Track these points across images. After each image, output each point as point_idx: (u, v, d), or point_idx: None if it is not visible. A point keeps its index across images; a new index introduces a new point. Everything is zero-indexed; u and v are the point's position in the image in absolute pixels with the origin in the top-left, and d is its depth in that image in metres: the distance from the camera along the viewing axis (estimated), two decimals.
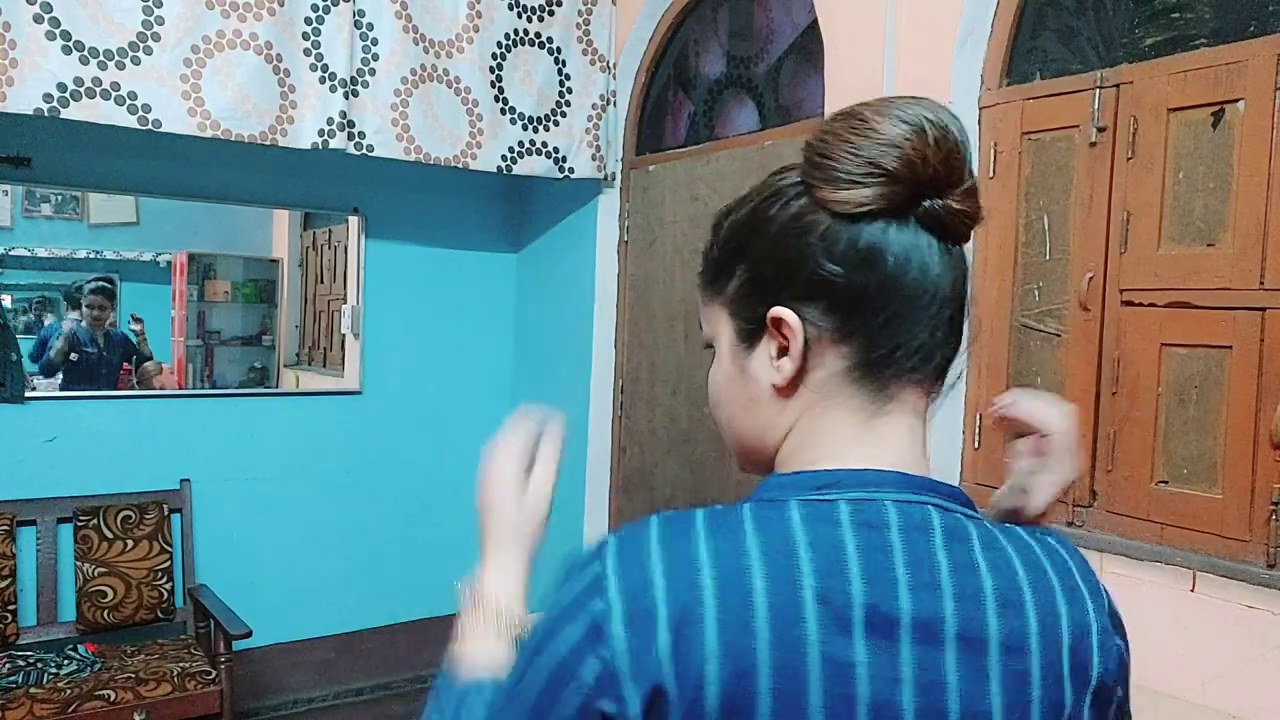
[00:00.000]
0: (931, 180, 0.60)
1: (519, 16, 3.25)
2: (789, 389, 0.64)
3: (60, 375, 3.57)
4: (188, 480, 3.39)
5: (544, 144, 3.34)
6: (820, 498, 0.59)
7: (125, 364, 3.79)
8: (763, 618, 0.54)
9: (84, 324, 3.67)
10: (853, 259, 0.60)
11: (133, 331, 3.83)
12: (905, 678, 0.56)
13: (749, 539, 0.57)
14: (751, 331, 0.65)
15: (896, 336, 0.61)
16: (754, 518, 0.58)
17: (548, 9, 3.31)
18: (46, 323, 3.73)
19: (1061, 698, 0.60)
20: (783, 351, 0.63)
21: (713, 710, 0.53)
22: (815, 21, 2.69)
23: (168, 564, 3.23)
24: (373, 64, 2.96)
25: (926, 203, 0.60)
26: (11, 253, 3.55)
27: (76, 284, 3.73)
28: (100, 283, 3.75)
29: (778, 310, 0.63)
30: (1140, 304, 1.97)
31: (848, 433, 0.63)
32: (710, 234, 0.72)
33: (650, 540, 0.57)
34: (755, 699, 0.53)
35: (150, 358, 3.90)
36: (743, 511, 0.59)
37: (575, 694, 0.55)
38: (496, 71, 3.22)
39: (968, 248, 0.65)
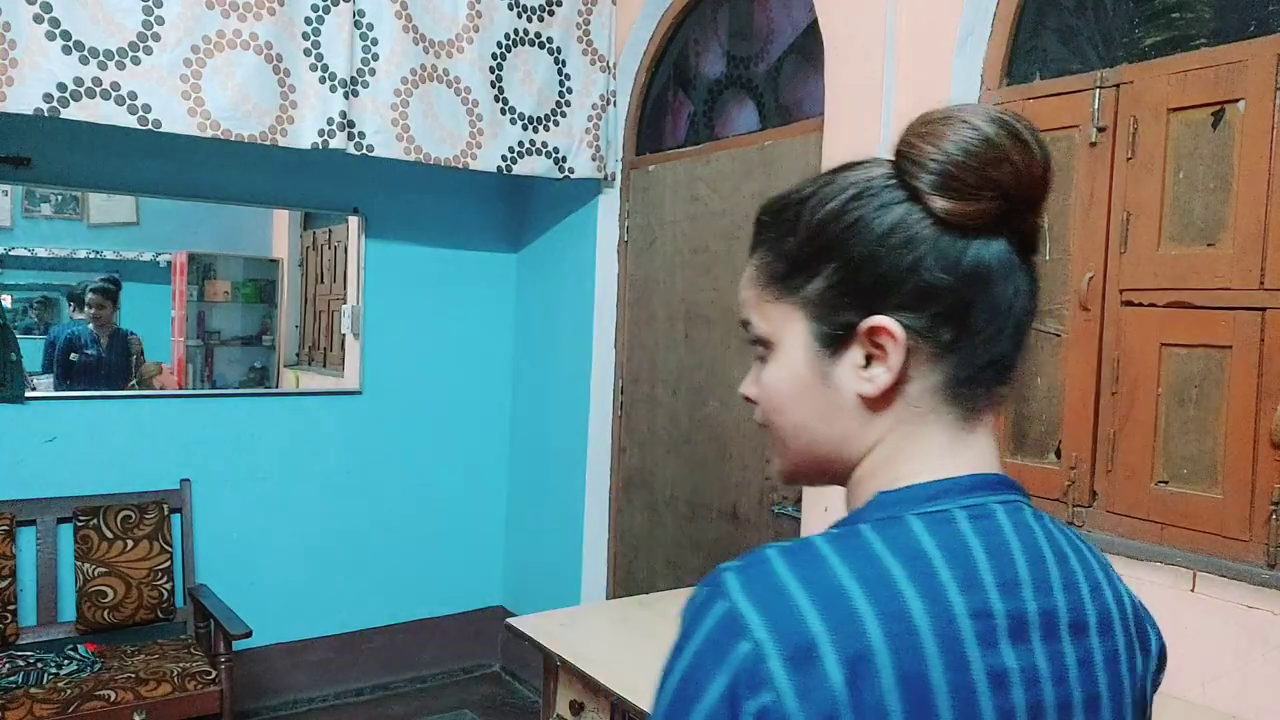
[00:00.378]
0: (1031, 197, 0.60)
1: (519, 16, 3.25)
2: (880, 401, 0.62)
3: (62, 375, 3.57)
4: (188, 480, 3.39)
5: (544, 144, 3.34)
6: (935, 508, 0.59)
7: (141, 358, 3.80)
8: (930, 641, 0.53)
9: (89, 324, 3.68)
10: (960, 272, 0.60)
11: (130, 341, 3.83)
12: (1043, 675, 0.57)
13: (887, 560, 0.55)
14: (837, 338, 0.62)
15: (991, 351, 0.61)
16: (881, 538, 0.57)
17: (548, 9, 3.31)
18: (51, 325, 3.73)
19: (1143, 669, 0.65)
20: (871, 361, 0.61)
21: None
22: (815, 21, 2.69)
23: (168, 564, 3.23)
24: (373, 64, 2.96)
25: (1019, 218, 0.61)
26: (11, 253, 3.55)
27: (82, 284, 3.73)
28: (104, 283, 3.75)
29: (879, 320, 0.60)
30: (1140, 304, 1.97)
31: (943, 445, 0.62)
32: (775, 224, 0.66)
33: (779, 571, 0.55)
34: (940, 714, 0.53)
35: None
36: (865, 533, 0.57)
37: None
38: (496, 71, 3.22)
39: None
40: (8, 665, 2.83)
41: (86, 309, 3.68)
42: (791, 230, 0.64)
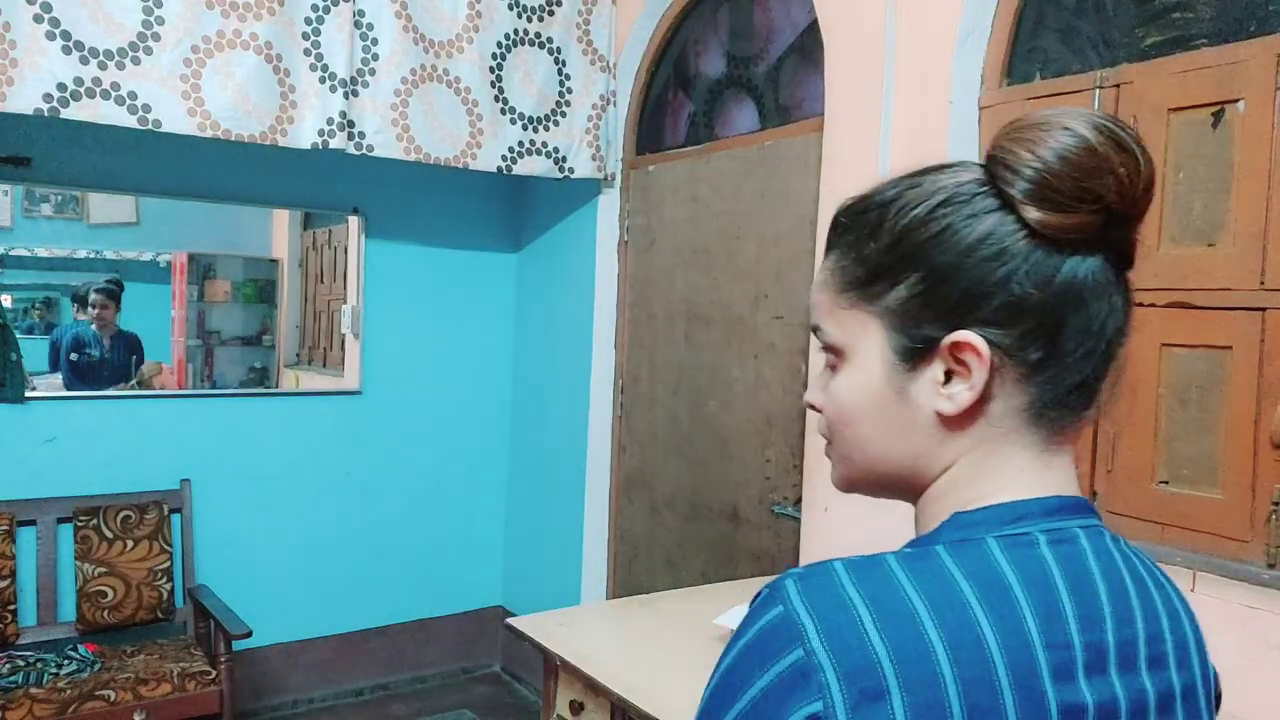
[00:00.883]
0: (1132, 212, 0.57)
1: (519, 16, 3.25)
2: (960, 420, 0.59)
3: (67, 375, 3.58)
4: (188, 480, 3.39)
5: (544, 144, 3.34)
6: (1016, 531, 0.56)
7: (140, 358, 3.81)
8: (1002, 672, 0.51)
9: (91, 325, 3.68)
10: (1053, 288, 0.56)
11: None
12: (1122, 708, 0.55)
13: (962, 584, 0.53)
14: (917, 351, 0.59)
15: (1080, 372, 0.58)
16: (956, 560, 0.54)
17: (548, 9, 3.31)
18: (54, 325, 3.73)
19: (1209, 699, 0.62)
20: (952, 377, 0.58)
21: None
22: (815, 21, 2.69)
23: (168, 564, 3.23)
24: (373, 64, 2.96)
25: (1118, 232, 0.57)
26: (11, 253, 3.55)
27: (86, 285, 3.73)
28: (107, 284, 3.75)
29: (965, 335, 0.57)
30: (1140, 304, 1.96)
31: (1024, 467, 0.59)
32: (854, 226, 0.63)
33: (844, 585, 0.53)
34: None
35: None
36: (939, 554, 0.55)
37: None
38: (496, 71, 3.22)
39: None
40: (8, 665, 2.83)
41: (90, 309, 3.68)
42: (873, 234, 0.61)
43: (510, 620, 2.24)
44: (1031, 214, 0.56)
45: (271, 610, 3.48)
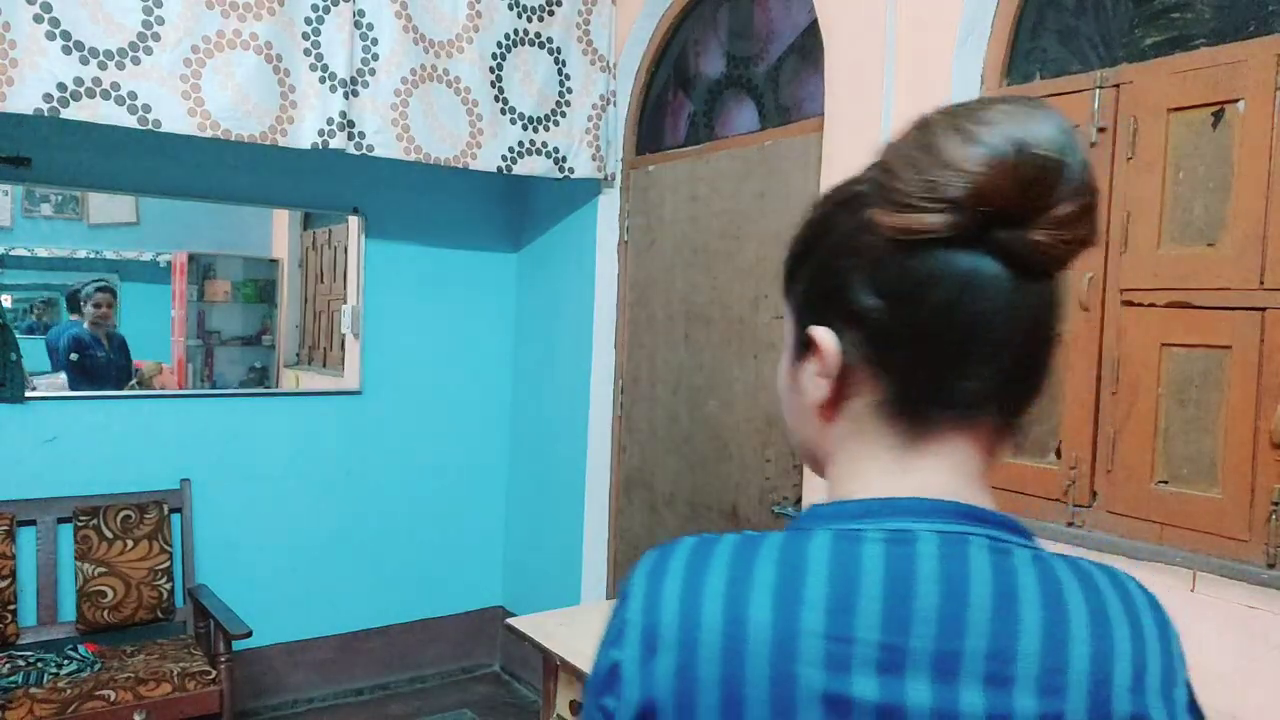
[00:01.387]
0: (1003, 212, 0.54)
1: (519, 16, 3.25)
2: (828, 412, 0.61)
3: (70, 376, 3.58)
4: (188, 480, 3.39)
5: (544, 144, 3.34)
6: (851, 527, 0.57)
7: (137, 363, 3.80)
8: (759, 650, 0.53)
9: (86, 324, 3.68)
10: (899, 291, 0.56)
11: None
12: (914, 713, 0.53)
13: (767, 570, 0.55)
14: (802, 343, 0.62)
15: (941, 376, 0.57)
16: (781, 548, 0.57)
17: (548, 9, 3.31)
18: (51, 326, 3.73)
19: None
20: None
21: None
22: (815, 21, 2.69)
23: (168, 564, 3.23)
24: (373, 64, 2.96)
25: (1002, 233, 0.54)
26: (11, 253, 3.55)
27: (76, 285, 3.72)
28: (106, 283, 3.75)
29: (814, 331, 0.60)
30: (1140, 304, 1.97)
31: (886, 466, 0.59)
32: (800, 222, 0.66)
33: (676, 562, 0.58)
34: None
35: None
36: (772, 541, 0.57)
37: (593, 682, 0.60)
38: (496, 71, 3.22)
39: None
40: (8, 665, 2.83)
41: (93, 309, 3.69)
42: (798, 230, 0.64)
43: (510, 620, 2.24)
44: (877, 214, 0.56)
45: (271, 610, 3.48)
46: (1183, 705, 0.57)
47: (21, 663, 2.86)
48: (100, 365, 3.68)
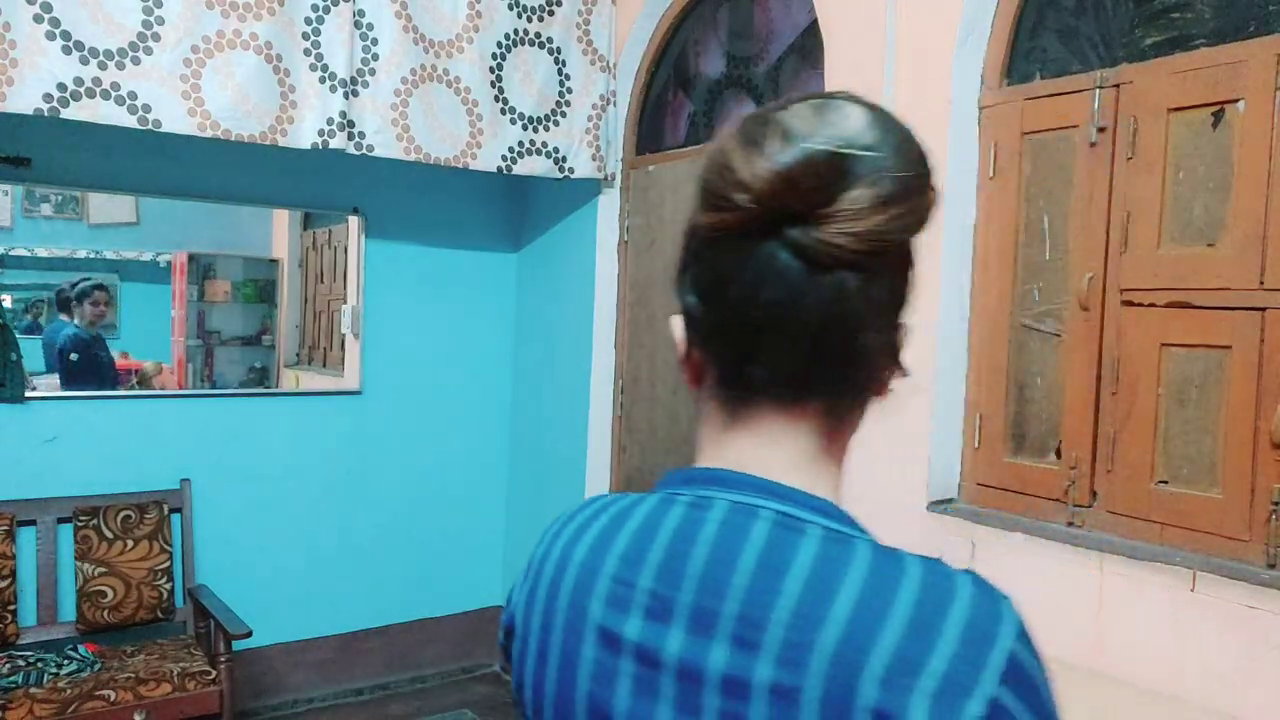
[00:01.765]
0: (787, 212, 0.57)
1: (519, 16, 3.25)
2: (693, 390, 0.68)
3: (64, 375, 3.58)
4: (188, 480, 3.39)
5: (544, 144, 3.34)
6: (674, 491, 0.64)
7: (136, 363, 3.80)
8: (569, 584, 0.64)
9: (82, 324, 3.68)
10: (706, 285, 0.62)
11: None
12: (666, 659, 0.57)
13: (603, 521, 0.65)
14: None
15: (742, 361, 0.62)
16: (624, 506, 0.65)
17: (548, 9, 3.31)
18: (45, 326, 3.73)
19: (830, 713, 0.52)
20: None
21: (533, 649, 0.65)
22: (815, 21, 2.69)
23: (168, 564, 3.23)
24: (373, 64, 2.96)
25: (792, 230, 0.57)
26: (11, 253, 3.55)
27: (66, 285, 3.72)
28: (97, 281, 3.75)
29: (672, 320, 0.67)
30: (1140, 304, 1.97)
31: (714, 439, 0.65)
32: None
33: (567, 513, 0.70)
34: (549, 645, 0.64)
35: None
36: (627, 500, 0.66)
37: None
38: (496, 71, 3.22)
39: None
40: (8, 665, 2.83)
41: (93, 307, 3.69)
42: None
43: None
44: (697, 214, 0.62)
45: (271, 610, 3.48)
46: (972, 717, 0.51)
47: (21, 663, 2.86)
48: (102, 365, 3.69)
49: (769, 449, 0.62)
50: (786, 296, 0.58)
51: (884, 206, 0.56)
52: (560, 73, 3.36)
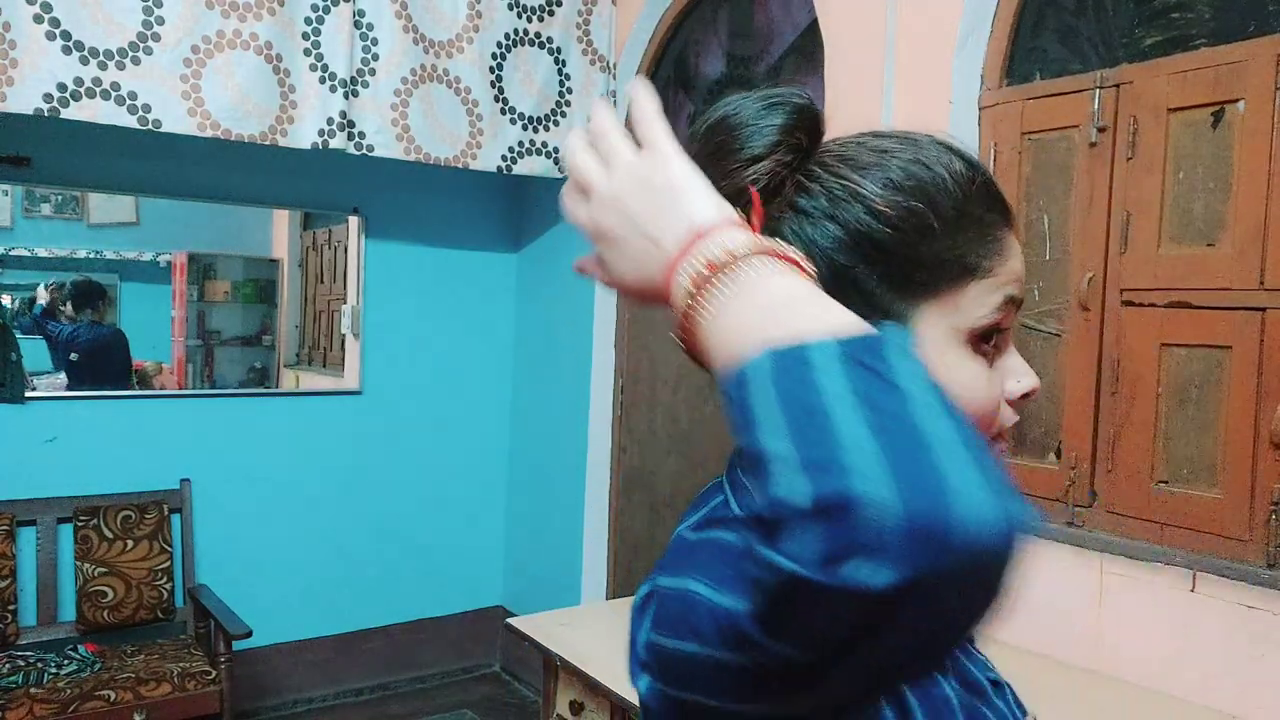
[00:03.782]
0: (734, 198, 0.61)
1: (519, 16, 3.25)
2: None
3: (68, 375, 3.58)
4: (188, 480, 3.39)
5: (544, 144, 3.34)
6: None
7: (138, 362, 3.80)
8: None
9: (84, 323, 3.68)
10: None
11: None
12: None
13: None
14: None
15: None
16: None
17: (548, 9, 3.31)
18: (48, 325, 3.72)
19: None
20: None
21: None
22: (815, 21, 2.69)
23: (168, 564, 3.23)
24: (373, 64, 2.96)
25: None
26: (11, 253, 3.55)
27: (69, 284, 3.71)
28: (96, 283, 3.75)
29: None
30: (1140, 304, 1.97)
31: None
32: None
33: None
34: None
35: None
36: None
37: None
38: (496, 71, 3.22)
39: None
40: (8, 665, 2.83)
41: (97, 306, 3.69)
42: None
43: (510, 620, 2.24)
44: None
45: (271, 610, 3.48)
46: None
47: (21, 663, 2.86)
48: (100, 365, 3.68)
49: None
50: None
51: (778, 175, 0.63)
52: (560, 73, 3.36)
